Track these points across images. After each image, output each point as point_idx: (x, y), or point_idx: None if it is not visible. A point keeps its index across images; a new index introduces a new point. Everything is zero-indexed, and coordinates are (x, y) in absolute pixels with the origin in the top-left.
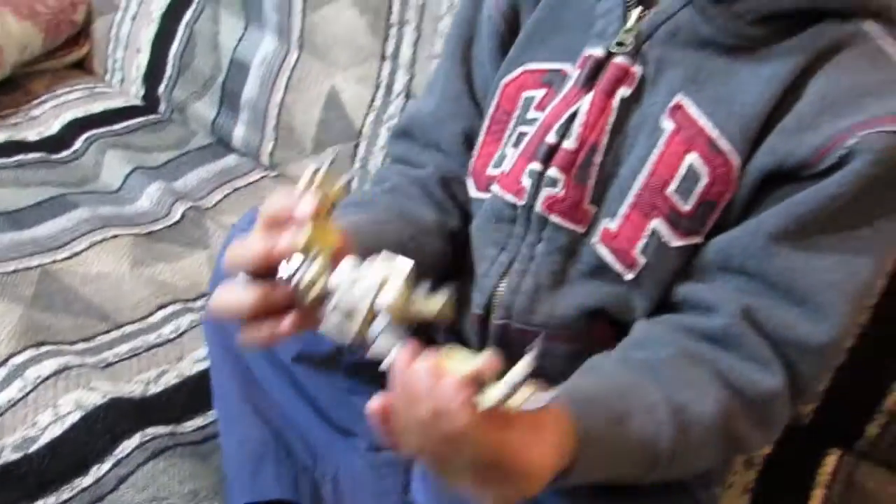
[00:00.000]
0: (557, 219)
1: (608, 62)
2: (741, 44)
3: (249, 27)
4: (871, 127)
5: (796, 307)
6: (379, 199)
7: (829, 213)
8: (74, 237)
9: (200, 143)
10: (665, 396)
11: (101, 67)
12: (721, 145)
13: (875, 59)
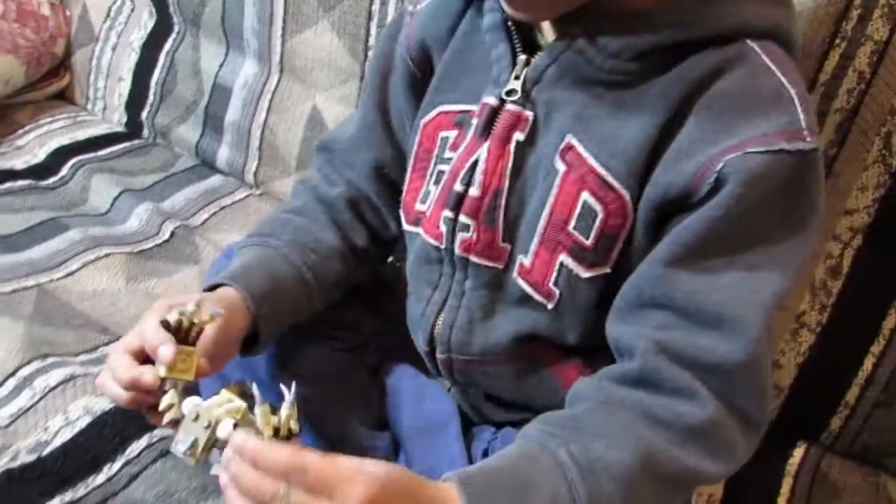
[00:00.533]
0: (476, 258)
1: (502, 109)
2: (623, 80)
3: (230, 53)
4: (739, 150)
5: (711, 330)
6: (283, 228)
7: (715, 236)
8: (68, 257)
9: (185, 165)
10: (572, 452)
11: (82, 97)
12: (611, 182)
13: (756, 75)
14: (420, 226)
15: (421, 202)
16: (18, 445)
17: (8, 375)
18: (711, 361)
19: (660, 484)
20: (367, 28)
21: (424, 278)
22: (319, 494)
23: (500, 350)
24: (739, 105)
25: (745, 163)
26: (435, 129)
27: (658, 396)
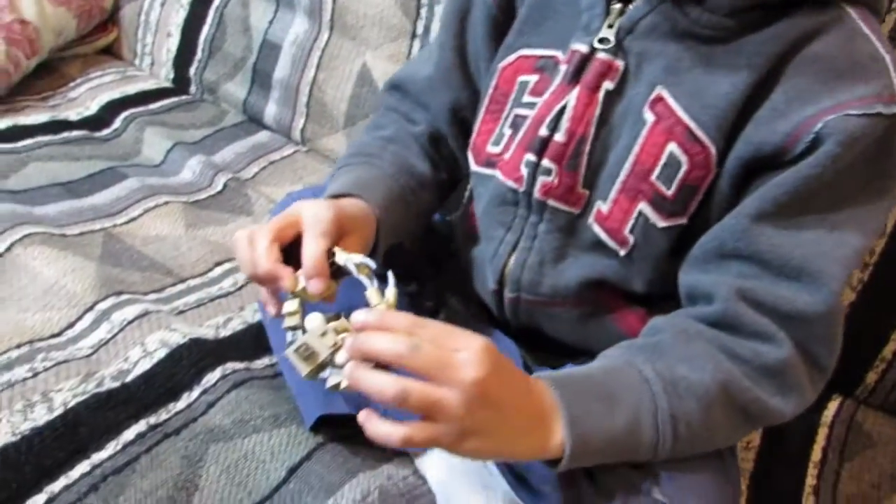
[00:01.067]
0: (554, 202)
1: (593, 57)
2: (718, 35)
3: (280, 10)
4: (837, 112)
5: (793, 282)
6: (383, 151)
7: (806, 193)
8: (129, 204)
9: (233, 120)
10: (658, 370)
11: (129, 52)
12: (699, 135)
13: (853, 41)
14: (496, 168)
15: (493, 144)
16: (103, 372)
17: (87, 309)
18: (791, 310)
19: (733, 411)
20: None
21: (497, 219)
22: (443, 346)
23: (568, 293)
24: (837, 68)
25: (844, 124)
26: (514, 73)
27: (736, 338)
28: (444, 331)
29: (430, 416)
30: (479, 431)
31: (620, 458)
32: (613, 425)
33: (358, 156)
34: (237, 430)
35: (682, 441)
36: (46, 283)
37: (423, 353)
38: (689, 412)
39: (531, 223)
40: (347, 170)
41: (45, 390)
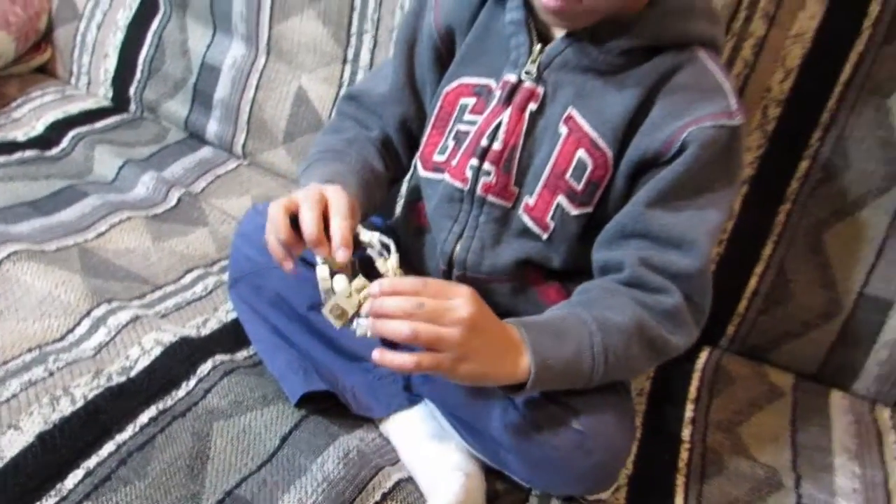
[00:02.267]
0: (492, 198)
1: (520, 85)
2: (611, 69)
3: (217, 35)
4: (696, 125)
5: (676, 249)
6: (348, 149)
7: (680, 184)
8: (95, 220)
9: (175, 137)
10: (593, 315)
11: (65, 71)
12: (600, 143)
13: (703, 74)
14: (444, 172)
15: (439, 153)
16: (108, 370)
17: (83, 316)
18: (677, 270)
19: (645, 345)
20: (349, 17)
21: (446, 214)
22: (442, 297)
23: (503, 270)
24: (694, 93)
25: (702, 133)
26: (456, 97)
27: (643, 292)
28: (441, 285)
29: (433, 348)
30: (471, 356)
31: (568, 382)
32: (563, 354)
33: (328, 152)
34: (234, 410)
35: (610, 367)
36: (40, 295)
37: (427, 307)
38: (616, 345)
39: (473, 216)
40: (322, 164)
41: (64, 386)
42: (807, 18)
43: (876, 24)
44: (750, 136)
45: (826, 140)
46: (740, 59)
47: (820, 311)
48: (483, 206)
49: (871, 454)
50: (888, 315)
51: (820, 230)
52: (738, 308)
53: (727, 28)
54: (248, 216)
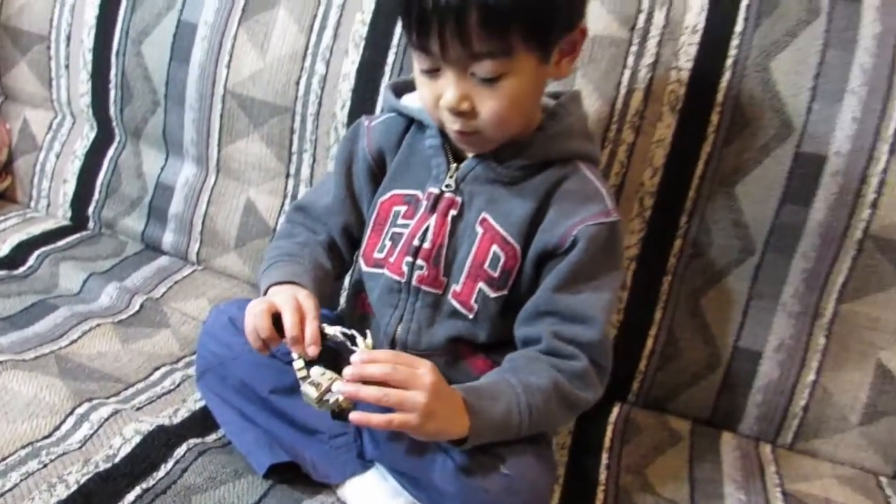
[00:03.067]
0: (425, 287)
1: (442, 196)
2: (513, 181)
3: (170, 158)
4: (583, 224)
5: (580, 324)
6: (302, 251)
7: (578, 271)
8: (67, 329)
9: (133, 250)
10: (518, 379)
11: (24, 196)
12: (509, 239)
13: (585, 182)
14: (383, 268)
15: (378, 252)
16: (95, 458)
17: (68, 414)
18: (582, 340)
19: (560, 400)
20: (290, 140)
21: (388, 303)
22: (409, 367)
23: (437, 346)
24: (578, 199)
25: (588, 230)
26: (390, 206)
27: (557, 359)
28: (409, 357)
29: (401, 409)
30: (433, 416)
31: (501, 434)
32: (497, 412)
33: (284, 255)
34: (209, 485)
35: (534, 421)
36: (27, 399)
37: (399, 371)
38: (538, 403)
39: (411, 302)
40: (281, 266)
41: (58, 475)
42: (664, 127)
43: (717, 131)
44: (631, 222)
45: (692, 223)
46: (616, 161)
47: (704, 363)
48: (418, 294)
49: (754, 484)
50: (759, 364)
51: (697, 296)
52: (639, 367)
53: (603, 137)
54: (212, 315)
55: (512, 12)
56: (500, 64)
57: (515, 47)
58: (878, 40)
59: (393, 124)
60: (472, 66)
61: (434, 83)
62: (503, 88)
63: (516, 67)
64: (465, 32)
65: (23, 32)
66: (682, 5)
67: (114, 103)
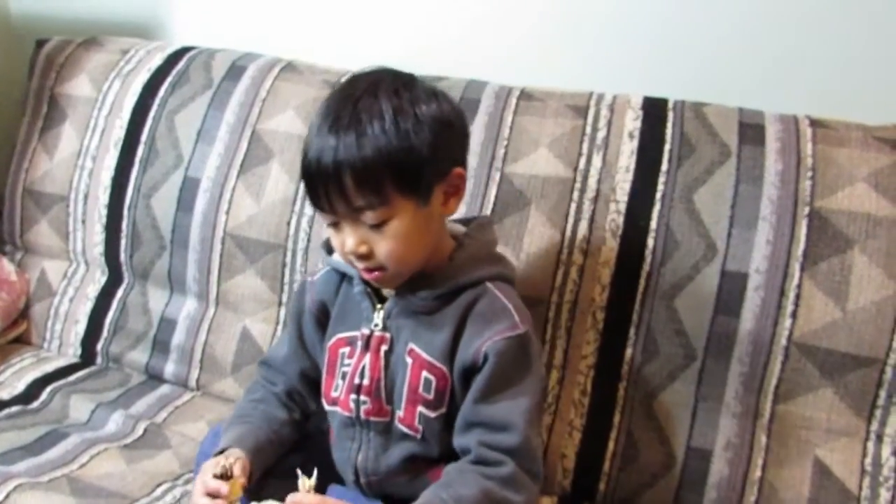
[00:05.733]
0: (374, 418)
1: (372, 335)
2: (430, 310)
3: (174, 295)
4: (491, 340)
5: (501, 431)
6: (254, 411)
7: (492, 383)
8: (77, 454)
9: (137, 380)
10: (449, 493)
11: (38, 338)
12: (436, 364)
13: (494, 302)
14: (337, 405)
15: (334, 391)
16: None
17: None
18: (506, 447)
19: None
20: (282, 273)
21: (345, 436)
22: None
23: (396, 468)
24: (487, 318)
25: (495, 346)
26: (336, 349)
27: (485, 467)
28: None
29: None
30: None
31: None
32: None
33: (239, 417)
34: None
35: None
36: None
37: None
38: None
39: (364, 433)
40: (233, 429)
41: None
42: (608, 250)
43: (653, 252)
44: (587, 333)
45: (639, 333)
46: (570, 280)
47: (662, 463)
48: (369, 424)
49: None
50: (710, 462)
51: (650, 400)
52: (604, 468)
53: (557, 259)
54: (207, 438)
55: (380, 170)
56: (380, 212)
57: (391, 197)
58: (781, 176)
59: (330, 278)
60: (360, 216)
61: (338, 234)
62: (389, 231)
63: (397, 212)
64: (344, 191)
65: (44, 195)
66: (616, 150)
67: (124, 250)
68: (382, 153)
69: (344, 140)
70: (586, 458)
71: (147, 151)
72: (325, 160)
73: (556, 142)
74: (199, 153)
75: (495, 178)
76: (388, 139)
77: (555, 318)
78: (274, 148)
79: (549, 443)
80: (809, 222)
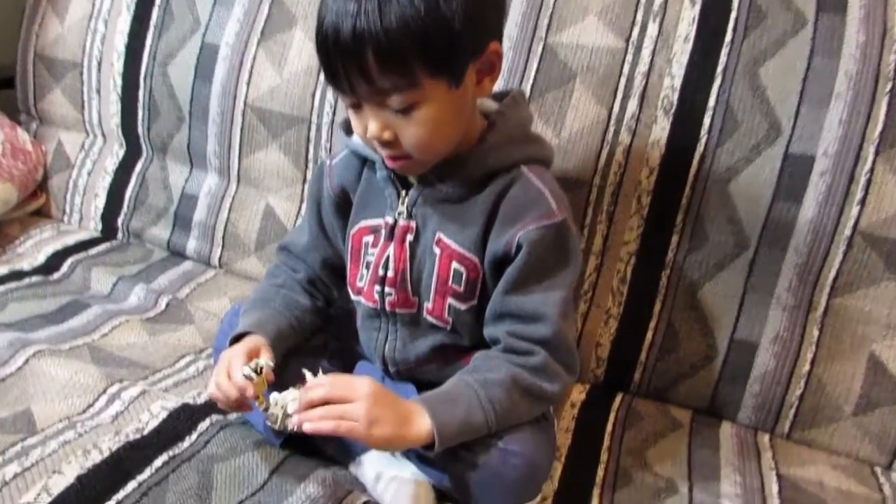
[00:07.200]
0: (399, 310)
1: (397, 224)
2: (460, 198)
3: (194, 171)
4: (524, 229)
5: (532, 322)
6: (276, 295)
7: (524, 274)
8: (99, 324)
9: (159, 256)
10: (475, 378)
11: (58, 211)
12: (466, 255)
13: (528, 187)
14: (361, 296)
15: (359, 280)
16: (126, 430)
17: (100, 394)
18: (537, 337)
19: (523, 392)
20: (306, 149)
21: (371, 326)
22: (345, 389)
23: (426, 357)
24: (521, 205)
25: (529, 235)
26: (360, 236)
27: (515, 356)
28: (345, 377)
29: (346, 419)
30: (378, 421)
31: (470, 433)
32: (457, 413)
33: (259, 301)
34: (230, 454)
35: (500, 415)
36: (63, 381)
37: (336, 388)
38: (499, 396)
39: (390, 324)
40: (251, 311)
41: (93, 443)
42: (659, 130)
43: (709, 132)
44: (630, 218)
45: (687, 220)
46: (615, 161)
47: (703, 355)
48: (395, 316)
49: (750, 467)
50: (755, 355)
51: (694, 289)
52: (640, 358)
53: (602, 139)
54: (227, 317)
55: (406, 46)
56: (407, 96)
57: (420, 78)
58: (863, 49)
59: (350, 162)
60: (385, 99)
61: (359, 117)
62: (418, 117)
63: (427, 96)
64: (366, 70)
65: (57, 61)
66: (674, 17)
67: (142, 122)
68: (409, 26)
69: (365, 6)
70: (622, 348)
71: (162, 14)
72: (343, 30)
73: (607, 9)
74: (216, 18)
75: (537, 49)
76: (415, 9)
77: (596, 203)
78: (297, 13)
79: (584, 331)
80: (890, 101)
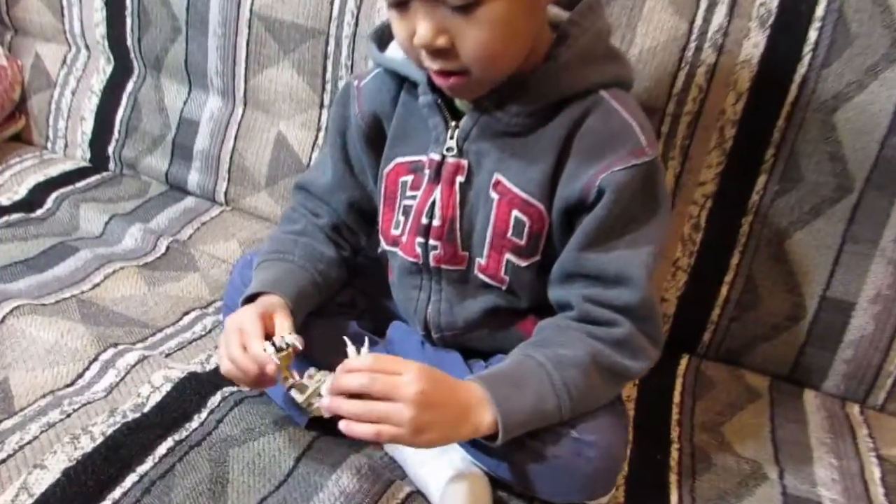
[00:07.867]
0: (446, 266)
1: (445, 161)
2: (523, 130)
3: (193, 91)
4: (607, 171)
5: (614, 286)
6: (294, 246)
7: (606, 226)
8: (89, 273)
9: (157, 190)
10: (546, 355)
11: (40, 137)
12: (531, 201)
13: (610, 116)
14: (398, 247)
15: (395, 228)
16: (122, 407)
17: (91, 361)
18: (620, 304)
19: (604, 373)
20: (323, 65)
21: (410, 284)
22: (391, 374)
23: (477, 321)
24: (602, 139)
25: (613, 178)
26: (396, 176)
27: (593, 326)
28: (392, 361)
29: (388, 423)
30: (428, 427)
31: (538, 423)
32: (526, 400)
33: (274, 252)
34: (247, 436)
35: (576, 400)
36: (47, 345)
37: (378, 383)
38: (575, 378)
39: (434, 282)
40: (267, 265)
41: (82, 426)
42: (751, 46)
43: (815, 49)
44: (709, 154)
45: (779, 156)
46: (694, 85)
47: (787, 314)
48: (440, 273)
49: (846, 447)
50: (851, 315)
51: (781, 239)
52: (711, 316)
53: (679, 58)
54: (237, 268)
55: None
56: None
57: None
58: None
59: (383, 83)
60: None
61: (404, 19)
62: (483, 16)
63: None
64: None
65: None
66: None
67: (130, 33)
68: None
69: None
70: (691, 305)
71: None
72: None
73: None
74: None
75: None
76: None
77: (668, 134)
78: None
79: None
80: None
